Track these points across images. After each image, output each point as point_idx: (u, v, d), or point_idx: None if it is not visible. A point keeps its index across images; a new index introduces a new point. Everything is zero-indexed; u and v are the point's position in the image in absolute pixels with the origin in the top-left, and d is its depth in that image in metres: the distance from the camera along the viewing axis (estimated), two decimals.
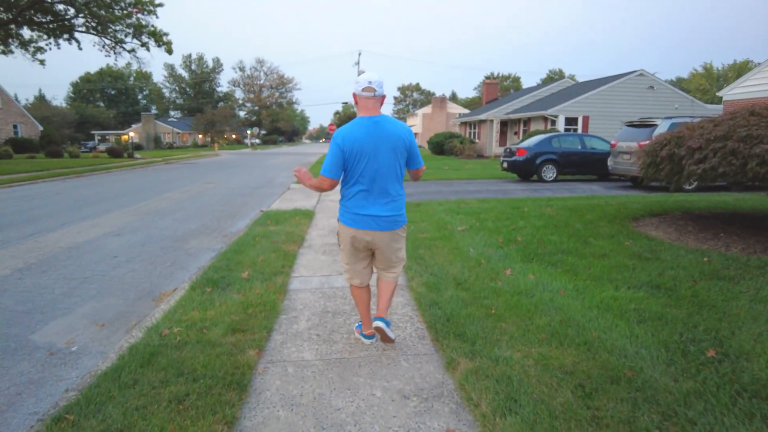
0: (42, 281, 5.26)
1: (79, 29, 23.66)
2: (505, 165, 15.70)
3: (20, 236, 7.54)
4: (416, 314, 3.91)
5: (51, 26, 22.80)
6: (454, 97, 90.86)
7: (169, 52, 24.67)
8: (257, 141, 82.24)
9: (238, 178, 18.08)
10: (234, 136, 79.10)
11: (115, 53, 24.36)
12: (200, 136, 69.71)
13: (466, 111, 50.46)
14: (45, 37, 23.49)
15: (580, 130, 26.34)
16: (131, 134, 45.54)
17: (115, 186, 15.54)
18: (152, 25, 24.14)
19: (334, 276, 5.05)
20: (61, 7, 22.39)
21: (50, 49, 24.11)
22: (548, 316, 3.61)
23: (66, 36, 23.42)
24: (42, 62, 26.98)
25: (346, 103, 75.27)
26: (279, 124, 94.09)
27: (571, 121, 26.73)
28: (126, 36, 24.20)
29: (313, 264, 5.52)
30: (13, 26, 22.18)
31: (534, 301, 3.93)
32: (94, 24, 23.09)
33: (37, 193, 13.49)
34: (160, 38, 24.08)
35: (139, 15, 23.26)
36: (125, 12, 22.84)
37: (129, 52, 24.66)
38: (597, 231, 6.60)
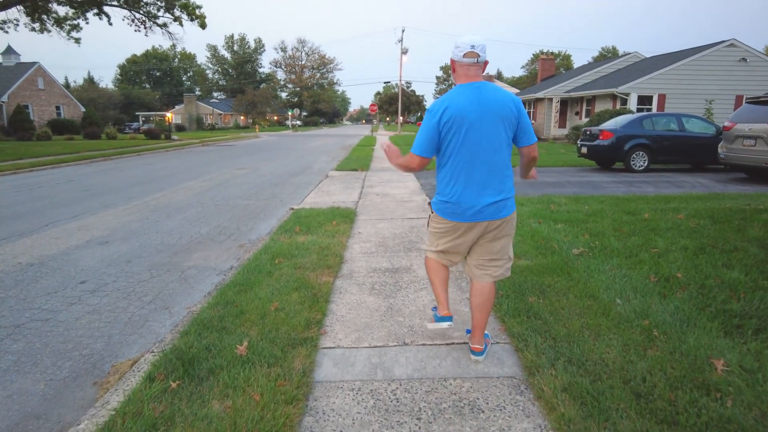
0: None
1: (111, 3, 22.32)
2: (584, 150, 13.10)
3: None
4: None
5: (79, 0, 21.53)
6: (500, 76, 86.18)
7: (203, 26, 22.97)
8: (298, 123, 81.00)
9: (273, 163, 16.31)
10: (275, 118, 78.07)
11: (145, 27, 22.93)
12: (242, 117, 68.99)
13: (515, 90, 46.98)
14: (73, 11, 22.25)
15: (654, 110, 23.05)
16: (169, 114, 44.84)
17: (137, 172, 14.05)
18: None
19: (393, 348, 2.99)
20: None
21: (79, 24, 22.90)
22: None
23: (95, 11, 22.12)
24: (77, 40, 25.97)
25: (388, 82, 72.21)
26: (320, 105, 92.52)
27: (644, 100, 23.45)
28: (158, 10, 22.69)
29: (356, 316, 3.49)
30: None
31: None
32: None
33: (48, 180, 12.11)
34: (192, 11, 22.37)
35: None
36: None
37: (161, 26, 23.17)
38: None
